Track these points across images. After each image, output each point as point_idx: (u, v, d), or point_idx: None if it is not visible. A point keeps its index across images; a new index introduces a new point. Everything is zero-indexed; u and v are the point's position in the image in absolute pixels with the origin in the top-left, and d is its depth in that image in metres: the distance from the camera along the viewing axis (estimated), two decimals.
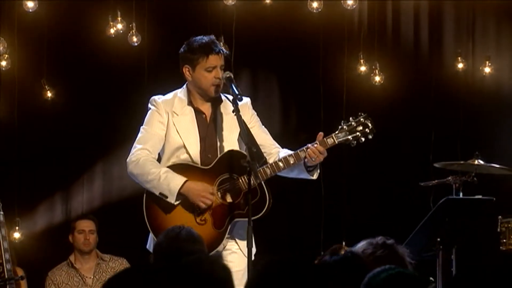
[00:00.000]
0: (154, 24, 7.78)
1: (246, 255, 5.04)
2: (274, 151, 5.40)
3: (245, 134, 5.15)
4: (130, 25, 7.60)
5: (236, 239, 5.26)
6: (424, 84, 7.92)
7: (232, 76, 5.34)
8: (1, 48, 7.60)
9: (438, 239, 5.68)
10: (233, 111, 5.23)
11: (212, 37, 5.50)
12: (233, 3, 7.60)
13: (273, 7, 7.72)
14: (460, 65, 7.79)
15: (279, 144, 5.44)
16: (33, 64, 7.86)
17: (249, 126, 5.42)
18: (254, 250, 5.16)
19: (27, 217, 7.97)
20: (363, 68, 7.78)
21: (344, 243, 6.59)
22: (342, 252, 3.81)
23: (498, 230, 6.49)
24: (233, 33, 7.70)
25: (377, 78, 7.73)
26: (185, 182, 5.28)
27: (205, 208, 5.29)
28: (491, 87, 7.86)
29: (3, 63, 7.63)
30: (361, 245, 3.67)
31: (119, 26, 7.60)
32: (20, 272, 7.05)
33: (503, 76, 7.96)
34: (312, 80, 7.95)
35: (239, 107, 5.32)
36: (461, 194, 6.66)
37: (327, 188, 7.67)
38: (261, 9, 7.75)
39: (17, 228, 7.52)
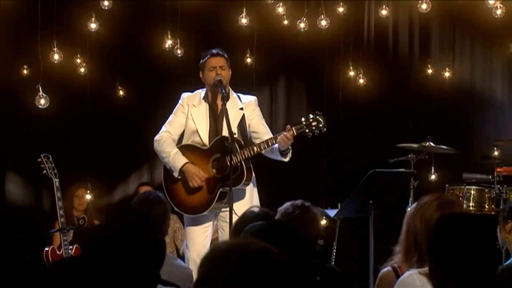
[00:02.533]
0: (198, 39, 8.64)
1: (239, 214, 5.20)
2: (265, 138, 5.99)
3: (228, 123, 5.76)
4: (176, 41, 8.50)
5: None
6: (402, 85, 8.77)
7: (222, 79, 5.95)
8: (58, 57, 8.13)
9: (371, 202, 6.14)
10: (223, 104, 5.83)
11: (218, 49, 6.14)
12: (246, 24, 8.32)
13: (289, 27, 8.68)
14: (430, 71, 8.70)
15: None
16: (107, 70, 8.75)
17: (250, 117, 6.08)
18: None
19: (122, 184, 9.12)
20: (352, 73, 8.76)
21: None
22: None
23: None
24: (254, 47, 8.61)
25: (361, 81, 8.70)
26: (185, 163, 6.01)
27: (195, 185, 5.97)
28: (453, 88, 8.72)
29: (82, 69, 8.60)
30: (285, 206, 3.96)
31: (169, 42, 8.52)
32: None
33: (474, 80, 8.90)
34: (318, 82, 8.92)
35: (245, 103, 6.11)
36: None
37: (328, 164, 8.69)
38: (280, 29, 8.73)
39: (88, 191, 8.19)
